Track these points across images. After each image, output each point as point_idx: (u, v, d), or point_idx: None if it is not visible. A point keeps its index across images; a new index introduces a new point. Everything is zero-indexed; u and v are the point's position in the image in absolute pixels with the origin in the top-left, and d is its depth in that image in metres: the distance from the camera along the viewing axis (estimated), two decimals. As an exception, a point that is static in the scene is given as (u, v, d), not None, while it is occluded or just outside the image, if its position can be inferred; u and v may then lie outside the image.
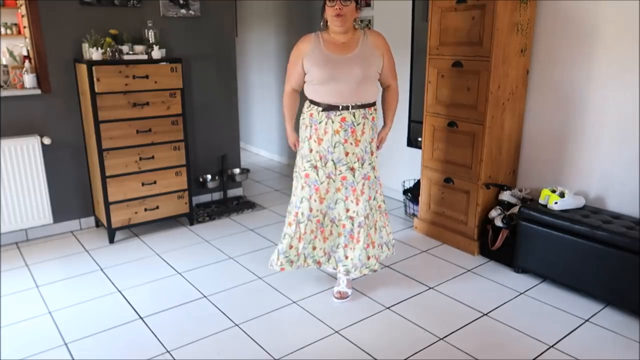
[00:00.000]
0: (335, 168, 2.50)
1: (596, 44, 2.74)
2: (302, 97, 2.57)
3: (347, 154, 2.47)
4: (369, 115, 2.48)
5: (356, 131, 2.45)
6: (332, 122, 2.43)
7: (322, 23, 2.45)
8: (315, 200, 2.54)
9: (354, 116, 2.43)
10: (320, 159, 2.50)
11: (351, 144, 2.46)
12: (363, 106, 2.45)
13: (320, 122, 2.46)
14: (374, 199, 2.60)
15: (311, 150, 2.51)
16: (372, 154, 2.55)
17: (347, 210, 2.54)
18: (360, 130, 2.46)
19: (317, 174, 2.51)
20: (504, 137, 3.09)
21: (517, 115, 3.12)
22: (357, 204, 2.51)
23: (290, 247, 2.60)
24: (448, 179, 3.24)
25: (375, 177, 2.58)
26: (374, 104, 2.52)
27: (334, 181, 2.52)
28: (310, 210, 2.54)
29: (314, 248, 2.63)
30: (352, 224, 2.55)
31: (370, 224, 2.59)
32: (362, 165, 2.51)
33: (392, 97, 2.61)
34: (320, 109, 2.44)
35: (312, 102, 2.50)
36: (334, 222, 2.59)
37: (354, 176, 2.50)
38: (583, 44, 2.79)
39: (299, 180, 2.58)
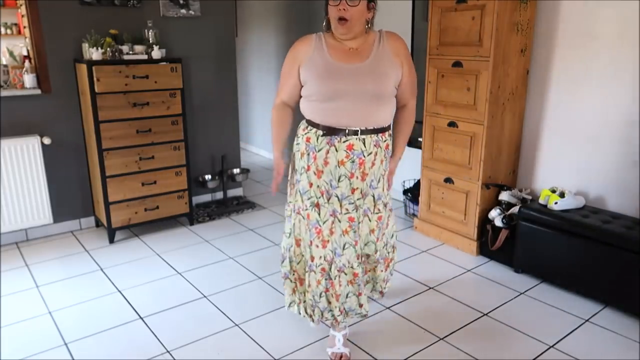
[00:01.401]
0: (341, 206, 2.01)
1: (596, 44, 2.74)
2: (297, 115, 2.11)
3: (353, 190, 2.00)
4: (382, 143, 2.00)
5: (365, 163, 1.97)
6: (336, 150, 1.94)
7: (324, 23, 1.96)
8: (317, 246, 2.04)
9: (363, 144, 1.94)
10: (322, 194, 2.01)
11: (357, 177, 1.98)
12: (375, 131, 1.96)
13: (320, 150, 1.97)
14: (382, 239, 2.19)
15: (311, 185, 2.02)
16: (383, 189, 2.10)
17: (358, 257, 2.08)
18: (371, 162, 1.98)
19: (319, 213, 2.02)
20: (504, 137, 3.09)
21: (517, 115, 3.12)
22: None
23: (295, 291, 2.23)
24: (448, 179, 3.24)
25: (388, 218, 2.17)
26: (388, 127, 2.04)
27: (339, 221, 2.02)
28: (312, 259, 2.06)
29: (329, 302, 2.11)
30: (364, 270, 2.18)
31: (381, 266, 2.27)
32: (373, 203, 2.07)
33: (407, 120, 2.11)
34: (320, 132, 1.95)
35: (309, 123, 2.00)
36: (343, 271, 2.06)
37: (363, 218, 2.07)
38: (583, 44, 2.79)
39: (295, 219, 2.12)
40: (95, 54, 3.11)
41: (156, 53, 3.32)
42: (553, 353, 2.18)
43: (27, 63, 3.18)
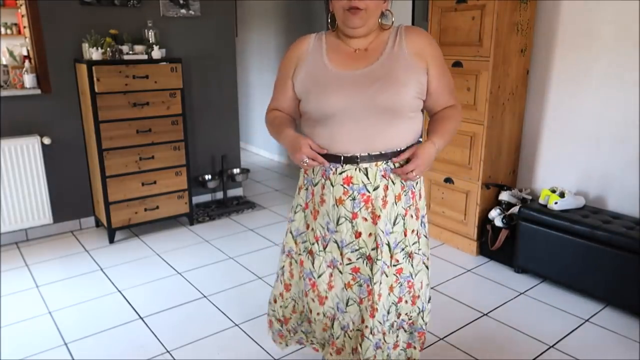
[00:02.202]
0: (342, 254, 1.58)
1: (596, 44, 2.74)
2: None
3: (358, 234, 1.54)
4: (393, 172, 1.52)
5: (372, 200, 1.51)
6: (332, 184, 1.53)
7: (328, 19, 1.55)
8: (313, 300, 1.66)
9: (365, 175, 1.50)
10: (317, 240, 1.61)
11: (365, 218, 1.53)
12: (384, 157, 1.49)
13: (316, 184, 1.59)
14: (408, 300, 1.64)
15: (308, 227, 1.65)
16: (406, 233, 1.59)
17: (363, 321, 1.59)
18: (381, 199, 1.51)
19: (313, 263, 1.63)
20: (504, 137, 3.09)
21: (517, 115, 3.12)
22: (373, 315, 1.55)
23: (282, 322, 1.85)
24: (448, 179, 3.24)
25: (412, 273, 1.62)
26: (405, 150, 1.52)
27: (340, 272, 1.60)
28: (310, 311, 1.69)
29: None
30: (371, 340, 1.57)
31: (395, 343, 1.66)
32: (389, 254, 1.56)
33: (451, 114, 1.58)
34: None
35: None
36: (347, 333, 1.65)
37: (371, 270, 1.55)
38: (583, 44, 2.79)
39: (285, 261, 1.75)
40: (95, 54, 3.11)
41: (156, 53, 3.33)
42: (553, 353, 2.18)
43: (27, 63, 3.18)
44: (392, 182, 1.53)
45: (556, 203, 2.72)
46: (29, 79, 3.17)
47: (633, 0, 2.55)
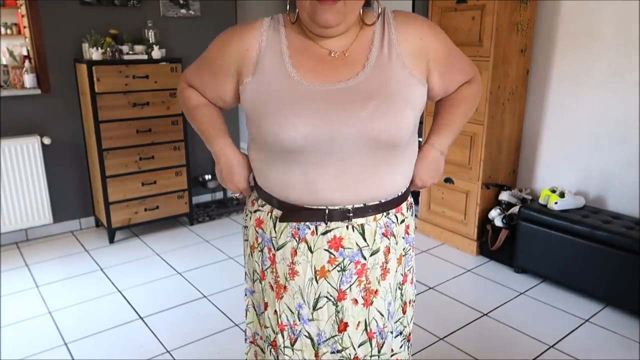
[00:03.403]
0: (317, 355, 1.12)
1: (596, 44, 2.74)
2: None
3: (343, 325, 1.10)
4: (398, 227, 1.13)
5: (369, 270, 1.09)
6: (310, 248, 1.07)
7: (287, 5, 1.07)
8: None
9: (362, 234, 1.08)
10: (282, 330, 1.13)
11: (356, 300, 1.10)
12: (384, 207, 1.09)
13: (281, 247, 1.10)
14: None
15: (267, 306, 1.17)
16: (405, 309, 1.22)
17: None
18: (380, 266, 1.11)
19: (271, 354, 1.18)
20: (504, 137, 3.09)
21: (517, 115, 3.12)
22: None
23: None
24: (448, 179, 3.24)
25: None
26: (407, 195, 1.18)
27: None
28: None
29: None
30: None
31: None
32: (388, 346, 1.17)
33: (466, 95, 1.22)
34: (278, 213, 1.10)
35: (260, 192, 1.15)
36: None
37: None
38: (583, 44, 2.79)
39: (248, 349, 1.33)
40: (95, 54, 3.11)
41: (156, 53, 3.33)
42: (553, 353, 2.18)
43: (27, 63, 3.18)
44: (395, 239, 1.12)
45: (556, 203, 2.72)
46: (29, 79, 3.17)
47: (633, 0, 2.56)
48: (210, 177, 4.07)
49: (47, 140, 3.28)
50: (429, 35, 1.08)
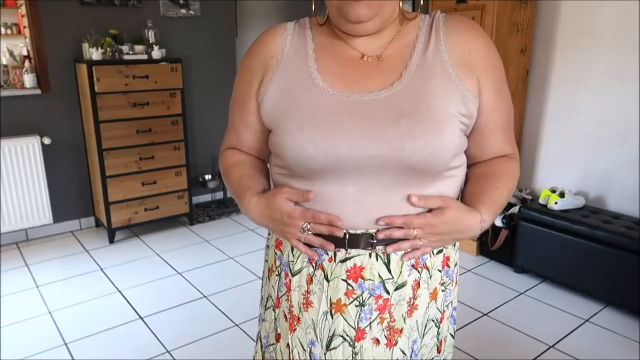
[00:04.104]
0: None
1: (596, 44, 2.74)
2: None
3: None
4: (433, 257, 0.97)
5: (393, 306, 0.94)
6: (326, 277, 0.95)
7: (312, 8, 0.97)
8: None
9: (386, 265, 0.93)
10: None
11: (377, 340, 0.95)
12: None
13: (297, 272, 0.99)
14: None
15: (279, 339, 1.06)
16: (440, 349, 1.05)
17: None
18: (407, 303, 0.95)
19: None
20: (504, 137, 3.09)
21: (517, 115, 3.12)
22: None
23: None
24: (448, 179, 3.24)
25: None
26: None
27: None
28: None
29: None
30: None
31: None
32: None
33: (507, 167, 0.99)
34: None
35: None
36: None
37: None
38: (583, 44, 2.79)
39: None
40: (95, 54, 3.11)
41: (156, 53, 3.33)
42: (553, 353, 2.18)
43: (27, 63, 3.18)
44: (429, 272, 0.96)
45: (556, 203, 2.72)
46: (29, 79, 3.17)
47: (633, 0, 2.56)
48: (210, 177, 4.07)
49: (47, 140, 3.28)
50: (484, 47, 0.92)
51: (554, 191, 2.80)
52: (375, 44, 0.92)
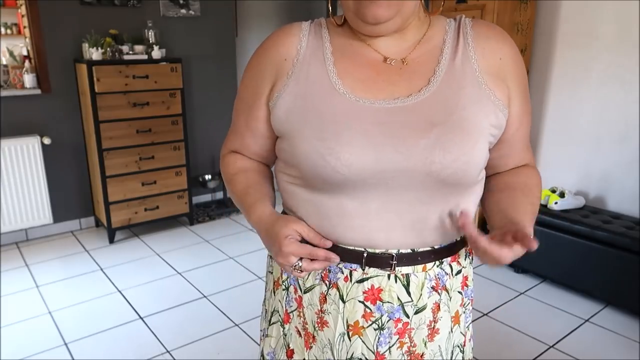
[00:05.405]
0: None
1: (596, 44, 2.74)
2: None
3: None
4: (452, 279, 0.93)
5: (413, 330, 0.90)
6: (342, 297, 0.89)
7: (329, 8, 0.91)
8: None
9: (405, 286, 0.88)
10: None
11: None
12: (438, 255, 0.89)
13: (308, 290, 0.93)
14: None
15: (291, 355, 1.00)
16: None
17: None
18: (428, 327, 0.91)
19: None
20: (504, 137, 3.09)
21: (517, 115, 3.12)
22: None
23: None
24: (448, 179, 3.24)
25: None
26: (463, 240, 0.92)
27: None
28: None
29: None
30: None
31: None
32: None
33: (532, 177, 0.96)
34: None
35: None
36: None
37: None
38: (583, 44, 2.79)
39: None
40: (95, 54, 3.11)
41: (156, 53, 3.33)
42: (553, 353, 2.18)
43: (27, 63, 3.18)
44: (448, 294, 0.92)
45: (556, 203, 2.72)
46: (29, 79, 3.17)
47: (633, 0, 2.56)
48: (210, 177, 4.07)
49: (47, 140, 3.28)
50: (514, 56, 0.87)
51: (554, 191, 2.80)
52: (399, 46, 0.85)
